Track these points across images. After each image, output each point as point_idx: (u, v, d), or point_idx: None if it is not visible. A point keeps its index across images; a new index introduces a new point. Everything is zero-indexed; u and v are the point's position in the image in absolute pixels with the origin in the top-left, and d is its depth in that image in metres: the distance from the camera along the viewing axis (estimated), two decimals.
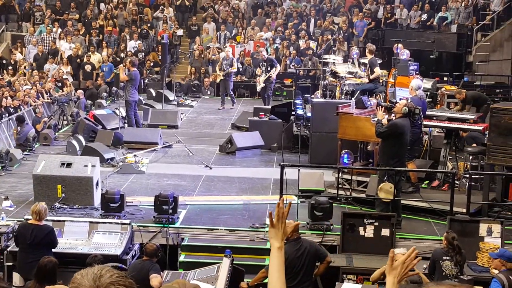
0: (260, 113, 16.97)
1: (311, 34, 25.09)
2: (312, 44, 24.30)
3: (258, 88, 20.25)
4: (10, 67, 22.64)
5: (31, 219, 9.25)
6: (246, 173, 14.06)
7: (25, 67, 22.83)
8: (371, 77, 15.12)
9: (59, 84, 21.05)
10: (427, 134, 13.33)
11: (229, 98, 20.77)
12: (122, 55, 23.64)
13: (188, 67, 24.30)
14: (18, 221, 10.32)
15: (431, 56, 19.62)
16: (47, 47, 24.15)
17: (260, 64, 19.90)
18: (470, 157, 12.13)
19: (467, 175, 11.22)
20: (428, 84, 15.75)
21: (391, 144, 10.58)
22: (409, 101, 11.11)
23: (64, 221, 10.03)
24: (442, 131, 13.06)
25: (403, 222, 10.82)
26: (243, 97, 22.99)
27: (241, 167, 14.60)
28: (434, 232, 10.71)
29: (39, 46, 23.99)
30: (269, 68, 19.46)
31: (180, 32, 25.61)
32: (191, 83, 23.24)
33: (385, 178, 10.58)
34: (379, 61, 16.03)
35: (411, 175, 11.87)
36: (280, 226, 3.30)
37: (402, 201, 10.99)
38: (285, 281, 3.25)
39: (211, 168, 14.25)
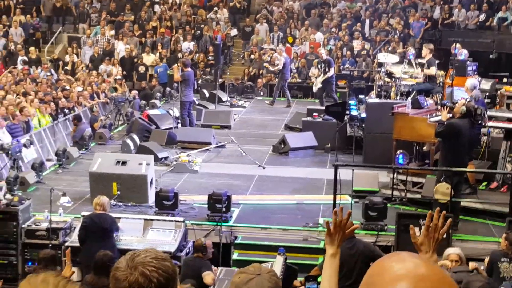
0: (314, 114, 16.89)
1: (366, 35, 24.90)
2: (367, 45, 24.12)
3: (315, 89, 20.12)
4: (66, 68, 23.05)
5: (88, 214, 9.41)
6: (299, 173, 14.00)
7: (81, 68, 23.22)
8: (426, 71, 14.85)
9: (114, 85, 21.37)
10: (485, 135, 13.04)
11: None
12: (179, 55, 23.82)
13: (242, 68, 24.38)
14: (75, 217, 10.50)
15: (490, 57, 19.22)
16: (102, 48, 24.53)
17: (319, 65, 19.76)
18: None
19: None
20: (487, 85, 15.45)
21: (448, 144, 10.40)
22: (467, 101, 10.89)
23: (119, 218, 10.13)
24: (501, 132, 12.78)
25: (460, 224, 10.62)
26: (296, 98, 22.94)
27: (294, 167, 14.55)
28: (492, 234, 10.48)
29: (94, 47, 24.39)
30: (327, 70, 19.32)
31: (234, 32, 25.71)
32: (244, 84, 23.31)
33: (442, 179, 10.39)
34: (437, 62, 15.78)
35: (469, 176, 11.63)
36: (337, 234, 3.22)
37: (460, 203, 10.79)
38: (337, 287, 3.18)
39: (264, 168, 14.24)
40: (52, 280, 1.67)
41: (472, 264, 7.57)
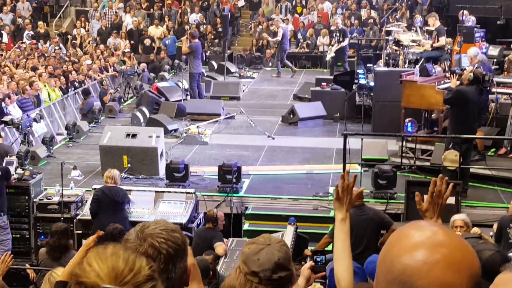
0: (322, 84, 16.87)
1: (373, 4, 24.72)
2: (374, 14, 23.96)
3: (328, 57, 20.02)
4: (74, 41, 23.04)
5: (99, 187, 9.50)
6: (309, 143, 14.03)
7: (89, 42, 23.21)
8: (435, 45, 14.83)
9: (123, 58, 21.38)
10: (493, 101, 13.01)
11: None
12: (187, 27, 23.75)
13: (250, 39, 24.30)
14: (86, 190, 10.60)
15: (498, 23, 19.05)
16: (110, 22, 24.49)
17: (334, 34, 19.66)
18: None
19: None
20: (494, 51, 15.35)
21: (457, 111, 10.40)
22: (475, 67, 10.85)
23: (130, 190, 10.22)
24: (509, 98, 12.74)
25: (469, 190, 10.66)
26: (304, 68, 22.88)
27: (303, 137, 14.58)
28: (501, 200, 10.51)
29: (102, 20, 24.34)
30: (341, 39, 19.24)
31: (241, 2, 25.59)
32: (253, 55, 23.26)
33: (450, 146, 10.41)
34: (445, 29, 15.69)
35: (477, 143, 11.63)
36: (345, 198, 3.27)
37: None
38: (350, 251, 3.22)
39: (273, 139, 14.28)
40: (123, 254, 1.72)
41: (474, 229, 7.59)
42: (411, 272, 1.54)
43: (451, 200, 9.92)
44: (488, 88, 10.75)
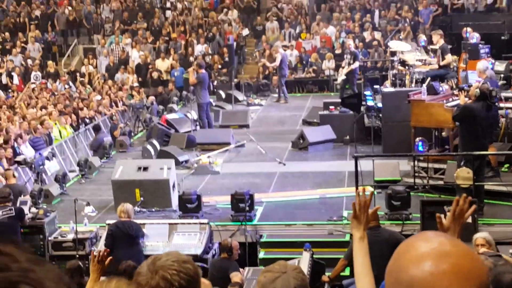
0: (331, 107, 16.90)
1: (376, 26, 24.84)
2: (377, 35, 24.06)
3: (339, 80, 20.05)
4: (82, 79, 23.24)
5: (113, 222, 9.50)
6: (320, 167, 14.02)
7: (97, 78, 23.42)
8: (442, 63, 14.87)
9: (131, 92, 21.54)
10: (503, 116, 12.97)
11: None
12: (191, 59, 23.91)
13: (256, 66, 24.43)
14: (100, 226, 10.60)
15: (502, 38, 19.10)
16: (117, 57, 24.70)
17: (345, 56, 19.73)
18: None
19: None
20: (501, 66, 15.32)
21: (465, 128, 10.42)
22: (481, 83, 10.85)
23: (144, 224, 10.20)
24: None
25: (485, 208, 10.57)
26: (311, 93, 22.95)
27: (314, 162, 14.58)
28: None
29: (110, 56, 24.56)
30: (351, 62, 19.32)
31: (246, 31, 25.77)
32: (260, 82, 23.36)
33: (462, 163, 10.37)
34: (449, 46, 15.74)
35: (491, 159, 11.58)
36: (362, 216, 3.26)
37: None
38: (371, 269, 3.19)
39: (284, 165, 14.28)
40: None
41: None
42: (418, 283, 1.54)
43: (468, 219, 9.85)
44: (496, 104, 10.71)
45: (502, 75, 14.62)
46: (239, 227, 10.68)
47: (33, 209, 10.67)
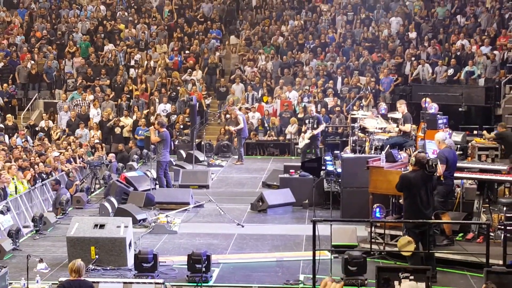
0: (291, 170, 17.01)
1: (338, 92, 25.27)
2: (339, 102, 24.46)
3: (301, 144, 20.10)
4: (41, 133, 23.07)
5: (61, 282, 9.26)
6: (278, 230, 14.03)
7: (56, 134, 23.29)
8: (402, 128, 15.21)
9: (92, 149, 21.43)
10: (459, 186, 13.21)
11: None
12: (152, 118, 23.97)
13: (218, 127, 24.57)
14: (52, 283, 10.39)
15: (460, 109, 19.60)
16: (78, 113, 24.64)
17: (307, 121, 19.90)
18: (505, 208, 11.98)
19: (502, 227, 11.06)
20: (458, 137, 15.72)
21: (405, 196, 10.70)
22: (418, 151, 11.16)
23: (98, 282, 10.03)
24: (474, 183, 12.95)
25: (439, 276, 10.68)
26: (272, 156, 23.09)
27: (273, 225, 14.59)
28: (471, 285, 10.54)
29: (71, 112, 24.50)
30: (315, 126, 19.46)
31: (208, 101, 26.14)
32: (221, 143, 23.45)
33: (404, 231, 10.56)
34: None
35: (445, 228, 11.75)
36: None
37: (437, 254, 10.86)
38: None
39: (243, 226, 14.26)
40: None
41: None
42: None
43: (422, 286, 9.91)
44: (434, 174, 10.80)
45: (459, 146, 14.99)
46: None
47: None
